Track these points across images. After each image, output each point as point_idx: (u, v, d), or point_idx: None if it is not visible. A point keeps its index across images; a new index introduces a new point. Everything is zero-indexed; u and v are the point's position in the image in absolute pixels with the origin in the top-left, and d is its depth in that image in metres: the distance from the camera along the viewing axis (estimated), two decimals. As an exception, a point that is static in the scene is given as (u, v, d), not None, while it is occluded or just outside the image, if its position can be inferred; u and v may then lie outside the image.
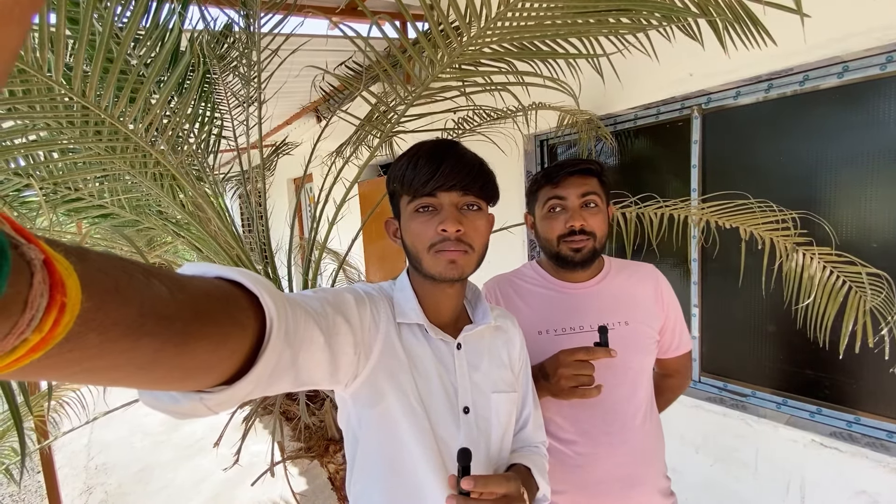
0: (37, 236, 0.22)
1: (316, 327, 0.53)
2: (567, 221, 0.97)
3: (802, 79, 1.68)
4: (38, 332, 0.21)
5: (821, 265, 1.40)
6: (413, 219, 0.70)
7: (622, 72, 2.08)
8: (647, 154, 2.31)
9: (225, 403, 0.40)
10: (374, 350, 0.67)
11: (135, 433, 4.09)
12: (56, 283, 0.21)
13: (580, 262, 0.99)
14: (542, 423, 0.89)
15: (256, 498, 2.93)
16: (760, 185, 1.86)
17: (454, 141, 0.74)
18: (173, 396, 0.38)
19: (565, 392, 0.87)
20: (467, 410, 0.73)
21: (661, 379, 1.19)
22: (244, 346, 0.39)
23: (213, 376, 0.38)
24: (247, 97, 1.38)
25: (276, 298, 0.43)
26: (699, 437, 2.06)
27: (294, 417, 1.33)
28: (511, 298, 1.07)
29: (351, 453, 0.74)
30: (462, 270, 0.70)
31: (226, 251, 1.24)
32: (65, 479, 3.45)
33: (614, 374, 0.97)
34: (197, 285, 0.35)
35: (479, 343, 0.79)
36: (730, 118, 1.95)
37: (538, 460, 0.81)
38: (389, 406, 0.68)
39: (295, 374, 0.49)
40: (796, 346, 1.81)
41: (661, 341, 1.09)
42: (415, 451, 0.68)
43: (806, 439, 1.71)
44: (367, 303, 0.68)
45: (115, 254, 0.30)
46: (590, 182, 0.99)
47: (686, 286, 2.13)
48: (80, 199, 1.15)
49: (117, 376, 0.29)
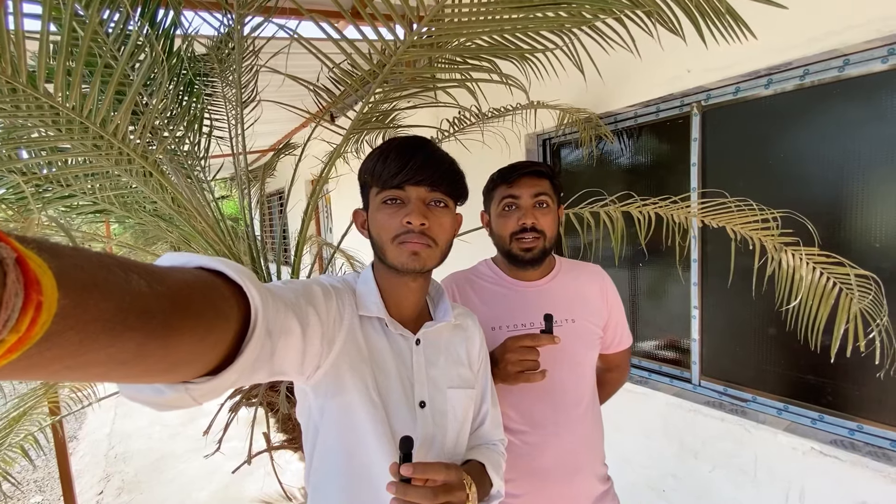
0: (7, 234, 0.21)
1: (294, 318, 0.55)
2: (520, 219, 1.01)
3: (803, 73, 1.63)
4: (15, 332, 0.20)
5: (809, 266, 1.35)
6: (380, 210, 0.71)
7: (620, 69, 2.06)
8: (648, 152, 2.27)
9: (210, 393, 0.40)
10: (337, 342, 0.68)
11: (154, 424, 4.24)
12: (31, 282, 0.20)
13: (530, 261, 1.04)
14: (501, 421, 0.90)
15: (263, 489, 3.01)
16: (762, 183, 1.81)
17: (427, 138, 0.76)
18: (157, 388, 0.38)
19: (512, 377, 0.90)
20: (423, 405, 0.75)
21: (602, 373, 1.24)
22: (227, 336, 0.40)
23: (197, 367, 0.38)
24: (237, 100, 1.43)
25: (259, 289, 0.44)
26: (698, 443, 2.01)
27: (278, 409, 1.37)
28: (468, 295, 1.11)
29: (310, 445, 0.75)
30: (424, 263, 0.71)
31: (212, 246, 1.29)
32: (86, 466, 3.62)
33: (561, 366, 1.02)
34: (177, 277, 0.35)
35: (437, 339, 0.80)
36: (729, 114, 1.90)
37: (493, 457, 0.81)
38: (349, 397, 0.69)
39: (272, 365, 0.50)
40: (798, 351, 1.75)
41: (604, 337, 1.15)
42: (372, 443, 0.69)
43: (806, 447, 1.65)
44: (334, 295, 0.69)
45: (90, 249, 0.30)
46: (542, 183, 1.03)
47: (686, 287, 2.08)
48: (72, 195, 1.22)
49: (99, 372, 0.29)
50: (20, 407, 1.88)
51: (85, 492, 3.21)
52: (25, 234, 0.23)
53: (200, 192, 1.30)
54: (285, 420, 1.42)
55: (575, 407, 1.06)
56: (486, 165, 2.45)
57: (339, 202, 5.74)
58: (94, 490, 3.25)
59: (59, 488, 3.36)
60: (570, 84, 1.49)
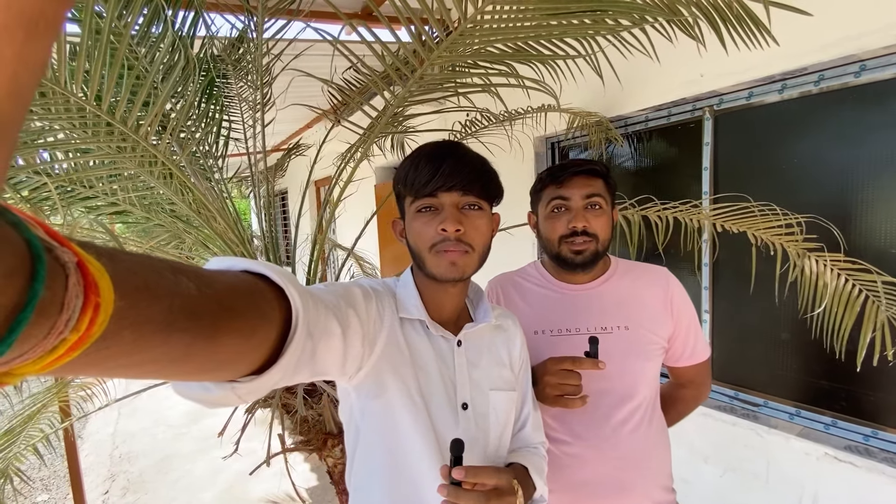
0: (70, 239, 0.23)
1: (334, 319, 0.55)
2: (570, 222, 0.95)
3: (817, 78, 1.63)
4: (76, 331, 0.22)
5: (834, 273, 1.34)
6: (415, 219, 0.71)
7: (631, 73, 2.06)
8: (659, 156, 2.27)
9: (255, 392, 0.42)
10: (378, 343, 0.68)
11: (158, 424, 4.24)
12: (90, 284, 0.22)
13: (580, 265, 0.98)
14: (542, 424, 0.89)
15: (269, 490, 3.01)
16: (774, 189, 1.81)
17: (457, 142, 0.75)
18: (205, 386, 0.40)
19: (550, 400, 0.86)
20: (465, 406, 0.74)
21: (674, 388, 1.15)
22: (270, 337, 0.41)
23: (242, 366, 0.39)
24: (253, 102, 1.43)
25: (300, 291, 0.45)
26: (709, 447, 2.01)
27: (293, 410, 1.37)
28: (511, 297, 1.07)
29: (352, 445, 0.75)
30: (463, 271, 0.71)
31: (230, 248, 1.29)
32: (91, 466, 3.62)
33: (608, 378, 0.94)
34: (224, 280, 0.36)
35: (479, 341, 0.80)
36: (743, 119, 1.90)
37: (536, 460, 0.80)
38: (391, 398, 0.69)
39: (313, 365, 0.51)
40: (812, 355, 1.75)
41: (671, 349, 1.05)
42: (415, 444, 0.69)
43: (819, 452, 1.65)
44: (374, 297, 0.70)
45: (144, 253, 0.32)
46: (595, 183, 0.97)
47: (697, 291, 2.08)
48: (95, 196, 1.22)
49: (152, 369, 0.31)
50: (33, 406, 1.88)
51: (90, 491, 3.20)
52: (86, 241, 0.25)
53: (219, 194, 1.31)
54: (301, 422, 1.42)
55: (623, 423, 0.97)
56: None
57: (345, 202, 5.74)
58: (100, 489, 3.24)
59: (64, 487, 3.36)
60: (583, 87, 1.49)
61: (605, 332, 0.99)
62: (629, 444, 0.98)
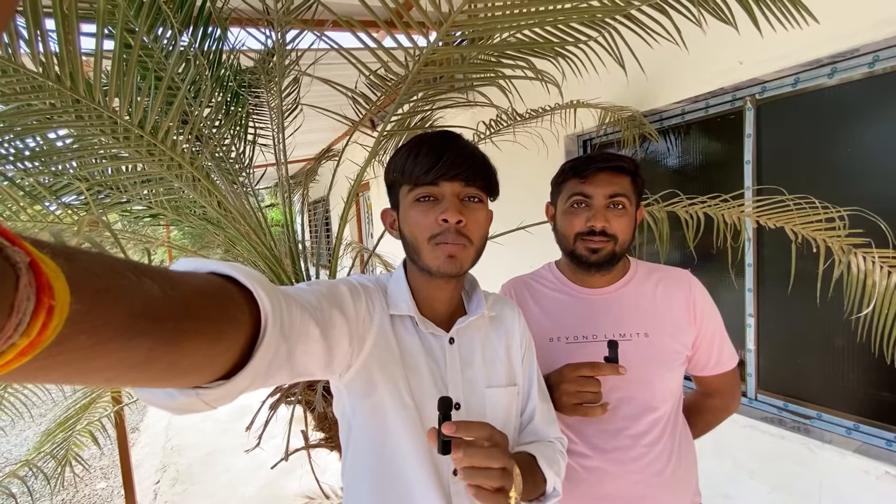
0: (22, 238, 0.21)
1: (311, 321, 0.54)
2: (588, 220, 0.89)
3: (872, 59, 1.49)
4: (26, 336, 0.20)
5: (884, 270, 1.21)
6: (413, 208, 0.69)
7: (665, 63, 1.97)
8: (697, 151, 2.15)
9: (222, 398, 0.41)
10: (368, 341, 0.67)
11: (206, 419, 4.46)
12: (43, 286, 0.21)
13: (596, 264, 0.92)
14: (555, 418, 0.84)
15: (305, 486, 3.09)
16: (825, 180, 1.66)
17: (456, 133, 0.73)
18: (169, 393, 0.38)
19: (568, 409, 0.82)
20: (458, 407, 0.72)
21: (701, 398, 1.08)
22: (239, 341, 0.39)
23: (209, 372, 0.38)
24: (280, 110, 1.49)
25: (270, 293, 0.43)
26: (754, 461, 1.86)
27: (315, 407, 1.40)
28: (525, 301, 1.02)
29: (345, 442, 0.74)
30: (461, 266, 0.69)
31: (255, 248, 1.35)
32: (145, 456, 3.87)
33: (627, 388, 0.90)
34: (189, 282, 0.35)
35: (473, 336, 0.77)
36: (788, 108, 1.76)
37: (547, 451, 0.75)
38: (381, 397, 0.68)
39: (291, 367, 0.50)
40: (871, 364, 1.59)
41: (694, 357, 0.99)
42: (403, 445, 0.68)
43: (880, 471, 1.49)
44: (363, 294, 0.68)
45: (104, 253, 0.30)
46: (620, 181, 0.90)
47: (740, 293, 1.95)
48: (129, 200, 1.32)
49: (110, 376, 0.29)
50: (89, 395, 2.03)
51: (144, 479, 3.43)
52: (38, 238, 0.24)
53: (245, 198, 1.37)
54: (321, 419, 1.45)
55: (643, 436, 0.92)
56: (523, 169, 2.43)
57: (380, 208, 5.86)
58: (152, 479, 3.46)
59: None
60: (610, 82, 1.43)
61: (623, 338, 0.93)
62: (651, 457, 0.92)
